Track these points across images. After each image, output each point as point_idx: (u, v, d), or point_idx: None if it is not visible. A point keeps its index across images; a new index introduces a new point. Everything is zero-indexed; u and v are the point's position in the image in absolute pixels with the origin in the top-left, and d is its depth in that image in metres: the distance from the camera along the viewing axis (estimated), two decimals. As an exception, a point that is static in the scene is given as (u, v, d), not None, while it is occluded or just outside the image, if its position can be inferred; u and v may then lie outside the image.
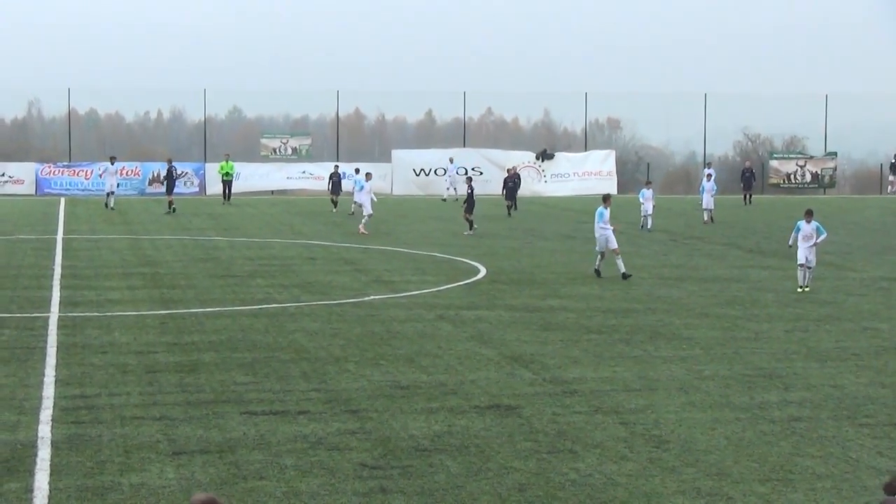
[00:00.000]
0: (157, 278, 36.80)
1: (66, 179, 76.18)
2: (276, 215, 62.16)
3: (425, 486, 16.43)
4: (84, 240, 48.14)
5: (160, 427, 19.12)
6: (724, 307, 32.03)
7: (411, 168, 79.24)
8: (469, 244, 47.15)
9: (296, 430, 19.19)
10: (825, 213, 58.41)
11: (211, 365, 24.02)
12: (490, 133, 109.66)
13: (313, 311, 30.60)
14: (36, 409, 20.32)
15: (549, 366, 24.27)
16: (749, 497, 16.14)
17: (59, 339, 26.48)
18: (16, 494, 15.93)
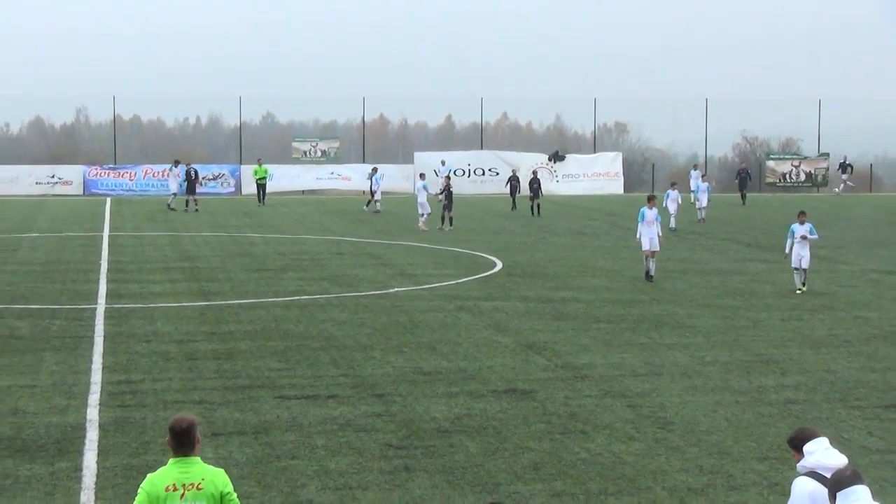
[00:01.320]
0: (196, 272, 36.86)
1: (112, 181, 76.25)
2: (307, 213, 62.20)
3: (446, 464, 16.45)
4: (128, 237, 48.23)
5: (200, 410, 19.14)
6: (725, 298, 31.98)
7: (432, 169, 79.07)
8: (486, 240, 47.10)
9: (326, 412, 19.22)
10: (819, 211, 58.28)
11: (246, 352, 24.06)
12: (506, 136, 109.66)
13: (341, 303, 30.61)
14: (84, 394, 20.39)
15: (561, 353, 24.27)
16: (748, 474, 16.13)
17: (105, 329, 26.55)
18: (66, 473, 16.00)
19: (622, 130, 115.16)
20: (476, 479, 15.77)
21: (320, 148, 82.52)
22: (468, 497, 15.02)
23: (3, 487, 15.34)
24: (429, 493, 15.19)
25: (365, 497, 15.04)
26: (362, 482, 15.64)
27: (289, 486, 15.38)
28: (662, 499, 15.03)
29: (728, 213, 61.62)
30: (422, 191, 53.35)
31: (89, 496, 15.02)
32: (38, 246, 44.28)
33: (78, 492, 15.20)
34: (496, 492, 15.19)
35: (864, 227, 55.47)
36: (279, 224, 55.04)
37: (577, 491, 15.26)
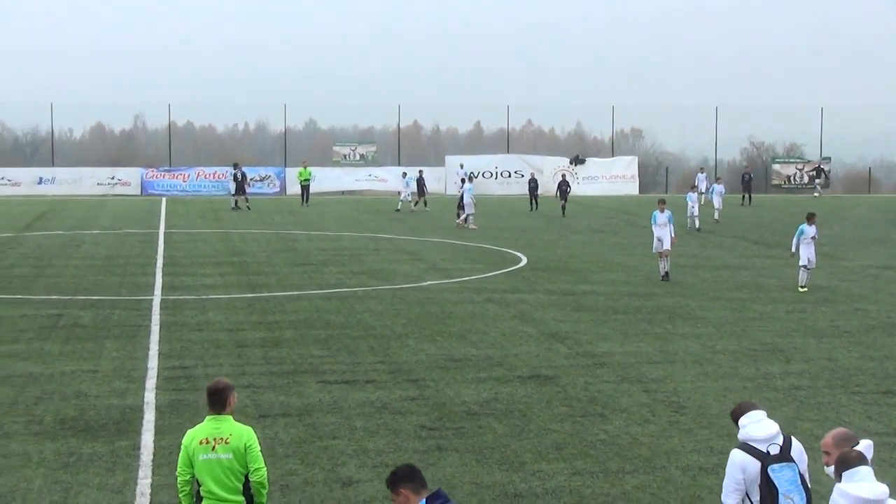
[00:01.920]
0: (244, 266, 36.93)
1: (167, 182, 76.50)
2: (346, 212, 62.27)
3: (475, 444, 16.45)
4: (182, 234, 48.38)
5: (248, 393, 19.19)
6: (733, 291, 31.88)
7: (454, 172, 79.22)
8: (512, 237, 47.06)
9: (364, 396, 19.24)
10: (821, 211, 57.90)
11: (291, 340, 24.10)
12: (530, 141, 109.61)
13: (378, 295, 30.64)
14: (142, 378, 20.46)
15: (581, 341, 24.24)
16: (756, 455, 16.06)
17: (161, 319, 26.63)
18: (125, 451, 16.06)
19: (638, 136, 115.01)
20: (503, 458, 15.77)
21: (359, 152, 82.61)
22: (496, 475, 15.02)
23: (68, 464, 15.42)
24: (459, 471, 15.19)
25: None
26: (398, 461, 15.63)
27: (330, 464, 15.40)
28: (676, 477, 15.00)
29: (735, 213, 61.36)
30: (468, 192, 53.37)
31: (146, 472, 15.08)
32: (99, 242, 44.46)
33: (136, 469, 15.26)
34: (521, 470, 15.19)
35: (862, 226, 55.19)
36: (321, 222, 55.12)
37: (596, 470, 15.25)
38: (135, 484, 14.63)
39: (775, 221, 57.01)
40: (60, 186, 75.21)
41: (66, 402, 18.80)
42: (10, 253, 40.23)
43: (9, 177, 76.13)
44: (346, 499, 14.05)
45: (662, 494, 14.34)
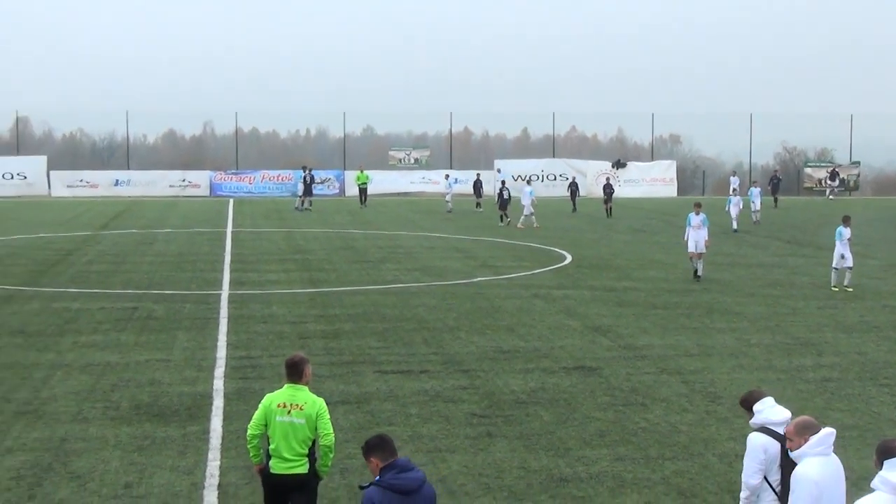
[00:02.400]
0: (306, 263, 37.05)
1: (234, 184, 76.91)
2: (402, 213, 62.35)
3: (523, 431, 16.43)
4: (248, 232, 48.62)
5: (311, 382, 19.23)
6: (767, 288, 31.68)
7: (510, 174, 79.09)
8: (557, 237, 46.98)
9: (418, 385, 19.26)
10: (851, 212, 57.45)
11: (350, 333, 24.15)
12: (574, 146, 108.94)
13: (432, 290, 30.65)
14: (211, 367, 20.57)
15: (623, 335, 24.15)
16: (789, 443, 15.96)
17: (229, 312, 26.77)
18: (196, 435, 16.16)
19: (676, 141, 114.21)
20: (549, 444, 15.74)
21: (413, 156, 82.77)
22: (542, 460, 14.99)
23: (143, 447, 15.53)
24: (508, 457, 15.17)
25: (453, 459, 15.05)
26: (450, 446, 15.66)
27: (387, 449, 15.40)
28: (713, 463, 14.92)
29: (768, 214, 60.88)
30: (527, 195, 53.47)
31: (215, 455, 15.16)
32: (171, 240, 44.74)
33: (206, 452, 15.35)
34: (567, 456, 15.15)
35: (891, 226, 54.71)
36: (377, 222, 55.23)
37: (637, 456, 15.20)
38: (204, 466, 14.71)
39: (806, 222, 56.73)
40: (135, 188, 75.82)
41: (141, 389, 18.93)
42: (88, 250, 40.56)
43: (87, 179, 76.84)
44: (402, 481, 14.03)
45: (700, 480, 14.27)
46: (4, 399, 18.16)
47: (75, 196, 74.07)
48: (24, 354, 21.65)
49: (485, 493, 13.73)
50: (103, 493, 13.64)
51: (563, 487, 13.89)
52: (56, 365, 20.73)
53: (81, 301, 28.30)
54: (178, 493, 13.65)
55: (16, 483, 13.97)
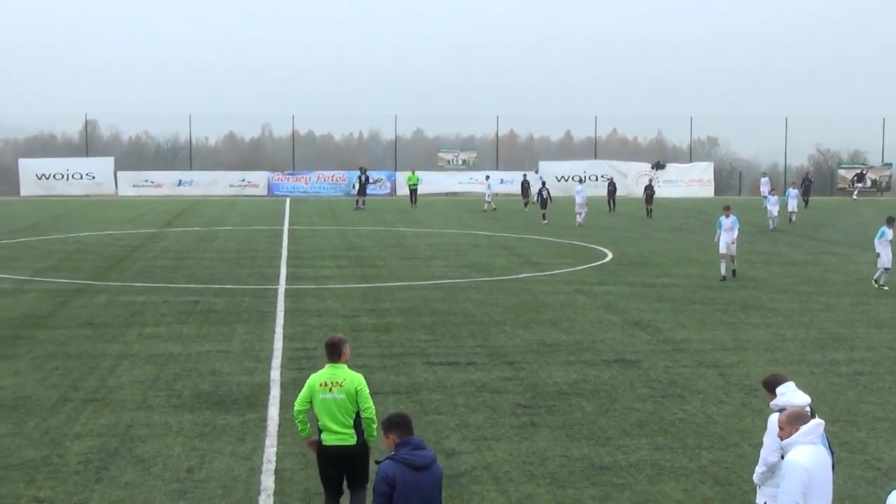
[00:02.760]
0: (359, 260, 37.13)
1: (291, 184, 77.17)
2: (450, 212, 62.36)
3: (566, 421, 16.39)
4: (304, 230, 48.78)
5: (362, 373, 19.23)
6: (801, 285, 31.43)
7: (554, 175, 78.97)
8: (599, 235, 46.83)
9: (465, 376, 19.26)
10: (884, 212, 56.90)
11: (400, 326, 24.18)
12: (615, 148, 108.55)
13: (478, 286, 30.63)
14: (269, 358, 20.66)
15: (661, 329, 24.04)
16: (822, 434, 15.84)
17: (286, 305, 26.87)
18: (254, 422, 16.24)
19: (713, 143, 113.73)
20: (590, 433, 15.70)
21: (461, 157, 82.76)
22: (584, 448, 14.95)
23: (204, 433, 15.62)
24: (551, 445, 15.15)
25: (498, 447, 15.04)
26: (496, 434, 15.65)
27: (435, 437, 15.43)
28: (748, 453, 14.81)
29: (801, 214, 60.35)
30: (579, 194, 53.52)
31: (272, 442, 15.23)
32: (231, 237, 44.98)
33: (263, 438, 15.42)
34: (607, 445, 15.11)
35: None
36: (427, 220, 55.26)
37: (675, 445, 15.12)
38: (262, 452, 14.78)
39: (839, 221, 56.22)
40: (197, 188, 76.26)
41: (202, 378, 19.04)
42: (153, 246, 40.86)
43: (152, 179, 77.36)
44: (450, 468, 14.05)
45: (735, 469, 14.18)
46: (73, 387, 18.33)
47: (141, 195, 74.61)
48: (93, 345, 21.84)
49: (528, 479, 13.72)
50: (166, 476, 13.74)
51: (603, 475, 13.85)
52: (122, 355, 20.90)
53: (146, 295, 28.51)
54: (236, 477, 13.72)
55: (84, 467, 14.09)
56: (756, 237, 46.24)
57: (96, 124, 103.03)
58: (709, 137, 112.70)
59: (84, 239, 43.81)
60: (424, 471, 8.89)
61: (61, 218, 55.16)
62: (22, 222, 51.92)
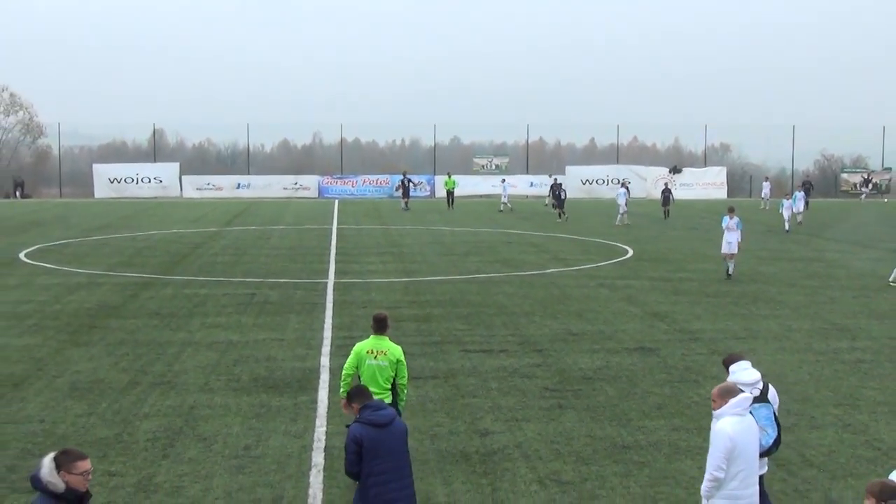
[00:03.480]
0: (401, 256, 37.16)
1: (339, 187, 77.35)
2: (484, 212, 62.30)
3: (590, 404, 16.34)
4: (351, 229, 48.87)
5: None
6: (807, 280, 31.19)
7: (580, 179, 78.75)
8: (619, 234, 46.66)
9: (498, 363, 19.22)
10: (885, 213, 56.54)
11: (439, 316, 24.18)
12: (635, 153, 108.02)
13: (510, 280, 30.58)
14: (319, 346, 20.70)
15: (678, 320, 23.92)
16: (826, 417, 15.73)
17: (334, 298, 26.92)
18: (305, 405, 16.27)
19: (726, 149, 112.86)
20: (613, 415, 15.64)
21: (494, 162, 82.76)
22: (607, 429, 14.89)
23: (260, 414, 15.67)
24: (576, 426, 15.10)
25: (528, 427, 15.01)
26: (526, 416, 15.62)
27: (470, 418, 15.42)
28: (758, 434, 14.71)
29: (805, 214, 59.90)
30: (622, 195, 53.72)
31: (322, 422, 15.26)
32: (285, 235, 45.13)
33: (314, 419, 15.45)
34: (628, 426, 15.04)
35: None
36: (463, 220, 55.24)
37: (691, 427, 15.03)
38: (313, 431, 14.81)
39: (843, 221, 55.77)
40: (254, 191, 76.57)
41: (259, 364, 19.11)
42: (214, 244, 41.04)
43: (214, 183, 77.76)
44: (484, 446, 14.04)
45: (747, 448, 14.07)
46: (142, 371, 18.44)
47: (203, 197, 74.97)
48: (160, 333, 21.96)
49: (556, 457, 13.68)
50: (226, 453, 13.79)
51: (625, 454, 13.79)
52: (186, 342, 21.00)
53: (208, 288, 28.64)
54: (289, 454, 13.76)
55: (151, 444, 14.17)
56: (766, 236, 45.95)
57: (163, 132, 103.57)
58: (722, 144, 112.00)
59: (152, 237, 44.08)
60: (386, 427, 9.24)
61: (131, 218, 55.52)
62: (96, 222, 52.30)
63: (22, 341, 21.17)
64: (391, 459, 9.16)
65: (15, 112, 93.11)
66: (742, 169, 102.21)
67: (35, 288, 28.51)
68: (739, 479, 9.12)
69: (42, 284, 29.15)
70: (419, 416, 15.61)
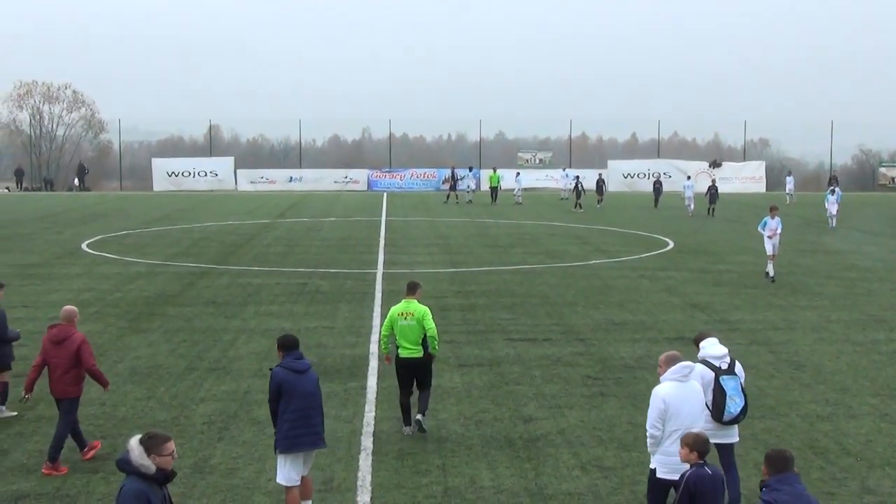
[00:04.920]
0: (447, 247, 37.15)
1: (388, 181, 77.45)
2: (528, 205, 62.13)
3: (631, 392, 16.26)
4: (399, 221, 48.93)
5: (450, 348, 19.30)
6: (845, 272, 30.84)
7: (621, 173, 78.35)
8: (661, 226, 46.36)
9: (542, 351, 19.17)
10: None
11: (484, 306, 24.15)
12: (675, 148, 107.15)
13: (553, 271, 30.49)
14: (368, 334, 20.75)
15: (718, 310, 23.74)
16: (864, 406, 15.56)
17: (383, 287, 26.96)
18: (355, 390, 16.32)
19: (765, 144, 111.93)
20: (654, 403, 15.54)
21: (538, 157, 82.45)
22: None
23: (311, 399, 15.73)
24: (618, 413, 15.04)
25: (571, 414, 14.96)
26: (568, 403, 15.57)
27: (514, 405, 15.40)
28: (797, 423, 14.59)
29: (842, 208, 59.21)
30: (689, 188, 55.04)
31: (371, 407, 15.30)
32: (335, 227, 45.27)
33: (363, 404, 15.49)
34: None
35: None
36: (508, 213, 55.12)
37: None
38: (362, 416, 14.85)
39: (881, 214, 55.06)
40: (305, 184, 76.86)
41: (310, 350, 19.16)
42: (267, 235, 41.26)
43: (267, 176, 78.16)
44: (527, 432, 14.02)
45: (785, 437, 13.97)
46: (199, 357, 18.57)
47: (257, 190, 75.39)
48: (216, 321, 22.12)
49: (598, 443, 13.63)
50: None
51: (665, 440, 13.69)
52: (241, 330, 21.13)
53: (262, 277, 28.80)
54: (339, 438, 13.80)
55: (208, 427, 14.28)
56: (805, 229, 45.48)
57: (219, 128, 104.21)
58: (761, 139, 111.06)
59: (208, 228, 44.39)
60: (303, 374, 10.73)
61: (188, 210, 55.95)
62: (154, 214, 52.75)
63: (84, 328, 21.35)
64: (304, 400, 10.64)
65: (77, 108, 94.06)
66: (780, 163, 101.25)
67: (96, 277, 28.81)
68: (674, 439, 9.59)
69: (103, 273, 29.46)
70: (465, 402, 15.62)
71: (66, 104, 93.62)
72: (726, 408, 10.83)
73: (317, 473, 12.36)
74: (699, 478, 8.50)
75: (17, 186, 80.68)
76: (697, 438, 8.67)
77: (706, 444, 8.67)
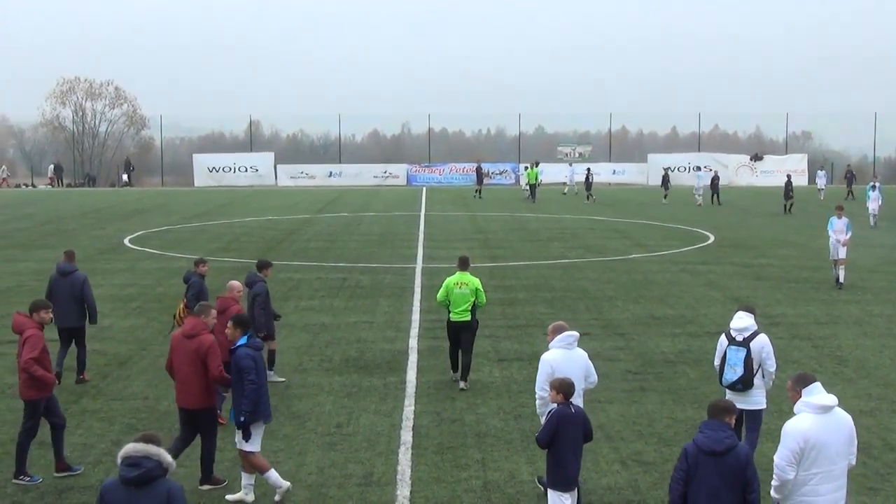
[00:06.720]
0: (486, 242, 37.13)
1: (427, 175, 77.50)
2: (567, 198, 61.98)
3: (672, 386, 16.19)
4: (438, 216, 48.94)
5: (490, 342, 19.30)
6: (888, 266, 30.52)
7: (661, 166, 77.91)
8: (701, 219, 46.07)
9: (581, 346, 18.94)
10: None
11: (523, 301, 24.13)
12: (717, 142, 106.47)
13: (593, 265, 30.39)
14: (407, 328, 20.79)
15: (759, 305, 23.51)
16: (908, 401, 15.38)
17: (422, 282, 27.01)
18: (394, 385, 16.37)
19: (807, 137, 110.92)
20: (694, 398, 15.48)
21: (578, 151, 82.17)
22: (688, 411, 14.76)
23: (351, 393, 15.80)
24: (658, 408, 14.98)
25: (611, 409, 14.92)
26: (609, 398, 15.52)
27: (554, 399, 15.35)
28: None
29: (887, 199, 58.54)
30: (700, 178, 56.65)
31: (410, 402, 15.34)
32: (374, 222, 45.36)
33: (403, 399, 15.53)
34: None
35: None
36: (547, 207, 54.99)
37: (772, 409, 14.74)
38: (401, 410, 14.89)
39: (925, 208, 54.41)
40: (345, 179, 77.04)
41: (350, 345, 19.25)
42: (307, 230, 41.43)
43: (307, 171, 78.44)
44: (567, 427, 13.98)
45: (828, 431, 13.81)
46: (240, 352, 18.67)
47: (297, 185, 75.69)
48: (256, 315, 22.20)
49: (638, 438, 13.59)
50: (319, 430, 13.93)
51: (706, 435, 13.61)
52: (281, 324, 21.19)
53: (302, 272, 28.92)
54: (379, 432, 13.84)
55: (249, 421, 14.33)
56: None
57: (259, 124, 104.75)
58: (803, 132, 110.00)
59: (248, 223, 44.63)
60: (260, 351, 11.76)
61: (229, 206, 56.27)
62: (196, 209, 53.11)
63: (127, 322, 21.59)
64: (263, 376, 11.64)
65: (120, 105, 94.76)
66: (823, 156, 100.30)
67: (139, 272, 29.05)
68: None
69: (145, 269, 29.70)
70: (504, 396, 15.62)
71: (109, 100, 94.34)
72: (724, 374, 12.20)
73: (356, 468, 12.42)
74: (563, 414, 10.01)
75: (58, 182, 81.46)
76: (563, 382, 10.14)
77: (571, 387, 10.13)
